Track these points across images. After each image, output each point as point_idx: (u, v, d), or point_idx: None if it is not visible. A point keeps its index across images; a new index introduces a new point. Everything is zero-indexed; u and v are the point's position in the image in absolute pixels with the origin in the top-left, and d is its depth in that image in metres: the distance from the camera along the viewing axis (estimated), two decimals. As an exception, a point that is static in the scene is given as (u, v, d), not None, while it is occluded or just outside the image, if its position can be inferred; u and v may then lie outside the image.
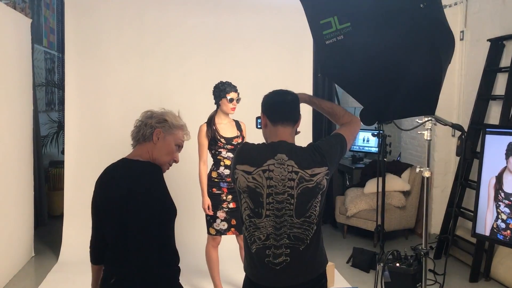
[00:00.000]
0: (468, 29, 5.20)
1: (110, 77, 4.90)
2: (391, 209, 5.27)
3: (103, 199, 1.94)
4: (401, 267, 3.54)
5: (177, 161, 2.06)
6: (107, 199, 1.92)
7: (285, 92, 2.09)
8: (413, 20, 2.28)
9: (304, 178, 1.93)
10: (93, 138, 4.90)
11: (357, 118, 2.22)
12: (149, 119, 2.01)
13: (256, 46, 5.14)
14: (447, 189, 5.37)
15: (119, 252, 1.88)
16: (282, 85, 2.47)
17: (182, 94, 4.89)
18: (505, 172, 2.47)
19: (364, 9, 2.30)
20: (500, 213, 2.47)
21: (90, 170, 4.82)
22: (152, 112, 2.05)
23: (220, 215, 3.68)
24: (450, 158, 5.51)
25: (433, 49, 2.36)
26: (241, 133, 3.77)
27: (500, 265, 4.22)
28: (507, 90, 4.30)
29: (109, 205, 1.90)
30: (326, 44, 2.31)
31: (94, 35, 4.86)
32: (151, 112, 2.05)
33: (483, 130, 2.56)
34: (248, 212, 1.98)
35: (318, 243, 2.02)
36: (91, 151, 4.85)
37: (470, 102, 4.96)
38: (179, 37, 5.00)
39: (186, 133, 2.08)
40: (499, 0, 4.64)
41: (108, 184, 1.94)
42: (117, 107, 4.87)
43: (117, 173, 1.95)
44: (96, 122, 4.91)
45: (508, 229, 2.44)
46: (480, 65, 4.77)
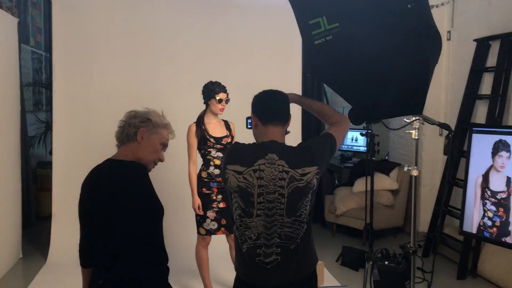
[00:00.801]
0: (455, 29, 5.26)
1: (98, 77, 4.88)
2: (380, 207, 5.31)
3: (89, 201, 1.93)
4: (390, 265, 3.57)
5: (163, 160, 2.06)
6: (93, 200, 1.90)
7: (275, 92, 2.10)
8: (401, 21, 2.30)
9: (294, 177, 1.94)
10: (81, 138, 4.87)
11: (346, 117, 2.24)
12: (133, 118, 2.00)
13: (245, 47, 5.15)
14: (434, 188, 5.43)
15: (107, 253, 1.87)
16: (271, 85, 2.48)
17: (171, 94, 4.88)
18: (491, 170, 2.51)
19: (352, 10, 2.32)
20: (487, 211, 2.50)
21: (78, 171, 4.76)
22: (135, 112, 2.04)
23: (210, 215, 3.68)
24: (437, 157, 5.57)
25: (420, 49, 2.38)
26: (230, 133, 3.77)
27: (486, 262, 4.27)
28: (493, 90, 4.36)
29: (96, 207, 1.89)
30: (315, 44, 2.32)
31: (82, 35, 4.83)
32: (134, 112, 2.04)
33: (470, 129, 2.59)
34: (239, 212, 1.99)
35: (309, 242, 2.04)
36: (79, 151, 4.82)
37: (457, 102, 5.01)
38: (168, 37, 4.99)
39: (171, 132, 2.08)
40: (485, 1, 4.70)
41: (94, 185, 1.93)
42: (106, 107, 4.84)
43: (103, 175, 1.94)
44: (84, 122, 4.88)
45: (494, 226, 2.48)
46: (467, 65, 4.83)
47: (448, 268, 4.57)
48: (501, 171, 2.41)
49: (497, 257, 4.19)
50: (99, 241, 1.89)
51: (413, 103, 2.56)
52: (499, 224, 2.42)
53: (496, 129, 2.54)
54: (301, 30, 2.37)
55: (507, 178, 2.38)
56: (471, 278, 4.37)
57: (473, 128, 2.58)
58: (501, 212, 2.39)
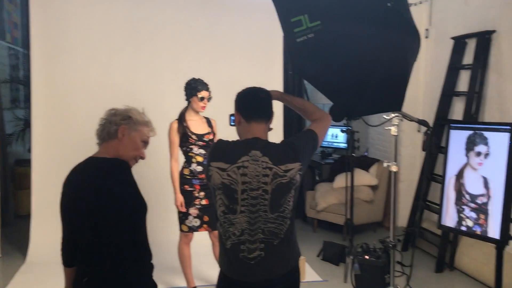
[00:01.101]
0: (433, 27, 5.35)
1: (78, 73, 4.82)
2: (360, 203, 5.38)
3: (71, 199, 1.92)
4: (370, 259, 3.64)
5: (144, 157, 2.06)
6: (76, 199, 1.89)
7: (258, 90, 2.12)
8: (381, 19, 2.34)
9: (278, 173, 1.96)
10: (61, 136, 4.81)
11: (328, 114, 2.27)
12: (113, 116, 2.00)
13: (227, 44, 5.16)
14: (413, 183, 5.52)
15: (91, 251, 1.87)
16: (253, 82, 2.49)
17: (152, 91, 4.86)
18: (466, 168, 2.56)
19: (333, 8, 2.35)
20: (465, 219, 2.54)
21: (58, 169, 4.72)
22: (116, 110, 2.04)
23: (193, 212, 3.68)
24: (416, 153, 5.67)
25: (400, 47, 2.43)
26: (212, 130, 3.78)
27: (463, 256, 4.38)
28: (470, 87, 4.45)
29: (79, 205, 1.88)
30: (297, 42, 2.34)
31: (61, 31, 4.77)
32: (115, 110, 2.04)
33: (447, 126, 2.64)
34: (222, 209, 2.00)
35: (292, 237, 2.06)
36: (58, 149, 4.77)
37: (434, 98, 5.11)
38: (148, 33, 4.96)
39: (152, 129, 2.09)
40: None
41: (76, 184, 1.92)
42: (86, 105, 4.79)
43: (85, 173, 1.93)
44: (63, 119, 4.82)
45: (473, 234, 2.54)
46: (444, 62, 4.92)
47: (426, 261, 4.67)
48: (477, 169, 2.46)
49: (474, 250, 4.29)
50: (83, 239, 1.88)
51: (393, 100, 2.62)
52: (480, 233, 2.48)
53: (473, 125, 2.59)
54: (283, 27, 2.39)
55: (484, 179, 2.43)
56: (449, 271, 4.47)
57: (451, 124, 2.62)
58: (482, 220, 2.44)
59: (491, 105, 4.37)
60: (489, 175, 2.40)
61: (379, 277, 3.62)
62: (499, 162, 2.35)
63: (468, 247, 4.37)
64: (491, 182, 2.40)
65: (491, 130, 2.42)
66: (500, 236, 2.36)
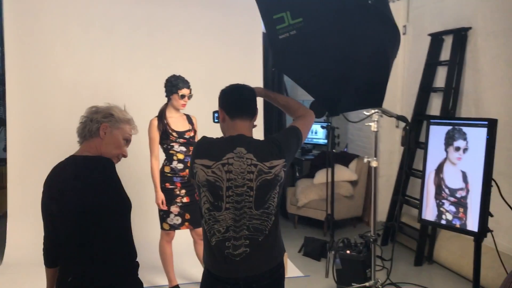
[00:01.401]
0: (410, 23, 5.42)
1: (54, 71, 4.73)
2: (340, 198, 5.43)
3: (54, 199, 1.88)
4: (351, 254, 3.69)
5: (126, 155, 2.04)
6: (59, 198, 1.86)
7: (242, 87, 2.11)
8: (362, 16, 2.37)
9: (263, 170, 1.96)
10: (37, 134, 4.72)
11: (311, 111, 2.28)
12: (95, 114, 1.98)
13: (206, 40, 5.13)
14: (392, 178, 5.59)
15: (75, 250, 1.84)
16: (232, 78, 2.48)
17: (131, 88, 4.81)
18: (445, 163, 2.60)
19: (315, 5, 2.36)
20: (445, 212, 2.58)
21: (35, 168, 4.67)
22: (97, 107, 2.02)
23: (174, 210, 3.66)
24: (394, 148, 5.74)
25: (380, 44, 2.46)
26: (192, 127, 3.75)
27: (442, 249, 4.46)
28: (447, 83, 4.53)
29: (62, 205, 1.85)
30: (280, 38, 2.35)
31: (37, 27, 4.67)
32: (96, 107, 2.02)
33: (427, 121, 2.69)
34: (207, 206, 1.99)
35: (276, 233, 2.07)
36: (35, 148, 4.68)
37: (412, 94, 5.18)
38: (126, 30, 4.90)
39: (134, 127, 2.07)
40: (439, -4, 4.87)
41: (58, 183, 1.89)
42: (63, 102, 4.71)
43: (68, 172, 1.90)
44: (40, 118, 4.73)
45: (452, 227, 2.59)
46: (422, 59, 5.00)
47: (406, 255, 4.74)
48: (456, 164, 2.51)
49: (452, 243, 4.38)
50: (67, 238, 1.85)
51: (374, 96, 2.65)
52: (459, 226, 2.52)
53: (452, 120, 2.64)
54: (265, 24, 2.40)
55: (463, 173, 2.48)
56: (428, 264, 4.55)
57: (431, 120, 2.67)
58: (461, 213, 2.48)
59: (467, 100, 4.45)
60: (468, 170, 2.45)
61: (361, 272, 3.67)
62: (477, 156, 2.40)
63: (446, 240, 4.46)
64: (470, 176, 2.45)
65: (469, 125, 2.46)
66: (478, 229, 2.41)
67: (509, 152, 3.89)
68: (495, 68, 4.09)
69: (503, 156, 3.86)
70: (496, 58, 4.08)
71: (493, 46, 4.11)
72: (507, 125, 3.87)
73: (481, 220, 2.39)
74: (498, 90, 4.06)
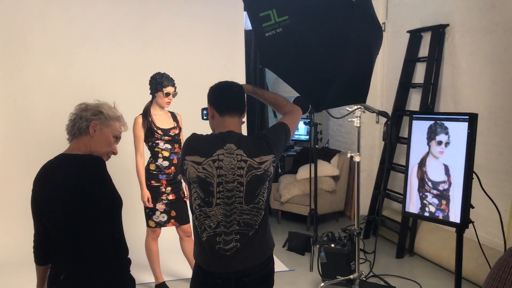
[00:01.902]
0: (389, 21, 5.51)
1: (36, 69, 4.67)
2: (322, 193, 5.50)
3: (46, 197, 1.88)
4: (336, 247, 3.75)
5: (116, 152, 2.05)
6: (51, 197, 1.86)
7: (231, 84, 2.14)
8: (346, 15, 2.41)
9: (252, 166, 2.00)
10: (19, 134, 4.65)
11: (299, 107, 2.32)
12: (84, 111, 1.97)
13: (188, 36, 5.13)
14: (373, 173, 5.70)
15: (67, 248, 1.85)
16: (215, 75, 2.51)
17: (114, 86, 4.77)
18: (428, 157, 2.67)
19: (300, 3, 2.40)
20: (428, 205, 2.65)
21: (17, 167, 4.61)
22: (86, 105, 2.01)
23: (160, 207, 3.67)
24: (375, 143, 5.85)
25: (364, 42, 2.52)
26: (177, 124, 3.76)
27: (422, 241, 4.56)
28: (426, 79, 4.63)
29: (54, 203, 1.84)
30: (266, 36, 2.39)
31: (17, 25, 4.59)
32: (85, 105, 2.01)
33: (410, 117, 2.75)
34: (198, 202, 2.02)
35: (266, 228, 2.11)
36: (17, 147, 4.62)
37: (392, 90, 5.28)
38: (109, 27, 4.86)
39: (123, 124, 2.08)
40: (417, -6, 4.97)
41: (50, 181, 1.88)
42: (45, 101, 4.66)
43: (59, 170, 1.90)
44: (22, 117, 4.66)
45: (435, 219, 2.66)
46: (401, 55, 5.09)
47: (387, 248, 4.84)
48: (439, 158, 2.58)
49: (432, 235, 4.49)
50: (59, 236, 1.86)
51: (357, 92, 2.70)
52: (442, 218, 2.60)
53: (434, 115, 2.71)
54: (252, 22, 2.43)
55: (445, 166, 2.56)
56: (409, 256, 4.66)
57: (413, 115, 2.74)
58: (444, 205, 2.56)
59: (445, 96, 4.56)
60: (450, 163, 2.52)
61: (345, 265, 3.74)
62: (459, 150, 2.47)
63: (427, 233, 4.57)
64: (452, 169, 2.52)
65: (451, 120, 2.54)
66: (460, 220, 2.48)
67: (486, 146, 4.01)
68: (472, 64, 4.20)
69: (481, 150, 3.98)
70: (473, 54, 4.19)
71: (470, 42, 4.22)
72: (484, 120, 3.99)
73: (463, 211, 2.46)
74: (476, 86, 4.17)
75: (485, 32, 4.03)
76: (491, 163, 3.97)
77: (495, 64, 3.95)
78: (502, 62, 3.89)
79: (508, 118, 3.85)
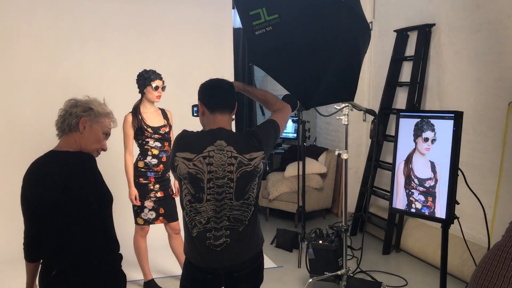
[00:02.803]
0: (376, 20, 5.57)
1: (21, 66, 4.63)
2: (310, 190, 5.54)
3: (36, 194, 1.87)
4: (324, 244, 3.78)
5: (105, 149, 2.06)
6: (41, 194, 1.86)
7: (221, 81, 2.16)
8: (335, 14, 2.44)
9: (242, 162, 2.02)
10: (5, 131, 4.61)
11: (288, 105, 2.35)
12: (74, 108, 1.96)
13: (176, 34, 5.12)
14: (359, 170, 5.76)
15: (59, 244, 1.85)
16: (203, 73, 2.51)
17: (101, 83, 4.74)
18: (414, 153, 2.72)
19: (290, 2, 2.42)
20: (414, 202, 2.70)
21: (4, 165, 4.57)
22: (76, 101, 2.00)
23: (148, 205, 3.67)
24: (361, 141, 5.91)
25: (352, 40, 2.55)
26: (168, 122, 3.76)
27: (408, 237, 4.63)
28: (412, 77, 4.69)
29: (45, 200, 1.84)
30: (256, 34, 2.40)
31: (4, 22, 4.54)
32: (75, 101, 2.00)
33: (397, 114, 2.80)
34: (189, 198, 2.04)
35: (255, 223, 2.14)
36: (3, 145, 4.58)
37: (379, 89, 5.33)
38: (95, 24, 4.83)
39: (113, 121, 2.09)
40: (403, -6, 5.02)
41: (40, 179, 1.88)
42: (31, 98, 4.63)
43: (50, 167, 1.90)
44: (7, 114, 4.63)
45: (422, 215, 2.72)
46: (388, 54, 5.15)
47: (374, 244, 4.90)
48: (425, 154, 2.63)
49: (418, 232, 4.56)
50: (50, 233, 1.86)
51: (346, 91, 2.74)
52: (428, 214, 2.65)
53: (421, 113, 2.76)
54: (242, 20, 2.44)
55: (431, 163, 2.61)
56: (395, 252, 4.72)
57: (400, 113, 2.78)
58: (430, 202, 2.61)
59: (432, 94, 4.63)
60: (436, 160, 2.57)
61: (332, 261, 3.78)
62: (445, 147, 2.52)
63: (412, 229, 4.63)
64: (438, 166, 2.57)
65: (436, 117, 2.59)
66: (446, 216, 2.54)
67: (471, 144, 4.08)
68: (458, 63, 4.27)
69: (466, 148, 4.05)
70: (458, 53, 4.26)
71: (455, 42, 4.29)
72: (469, 118, 4.06)
73: (449, 207, 2.51)
74: (461, 84, 4.24)
75: (470, 32, 4.10)
76: (476, 160, 4.05)
77: (479, 63, 4.02)
78: (486, 61, 3.96)
79: (492, 116, 3.92)
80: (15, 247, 2.59)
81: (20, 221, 1.96)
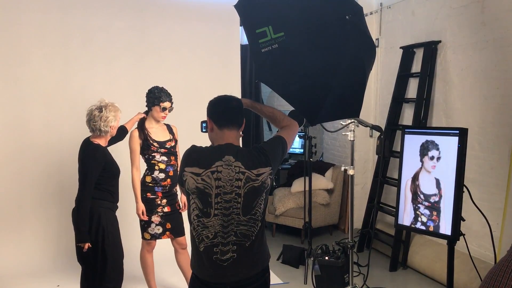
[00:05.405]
0: (383, 37, 5.61)
1: (32, 81, 4.68)
2: (316, 206, 5.54)
3: None
4: (330, 260, 3.78)
5: None
6: None
7: (229, 98, 2.20)
8: (340, 31, 2.48)
9: (250, 178, 2.05)
10: (14, 145, 4.65)
11: (295, 122, 2.38)
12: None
13: (184, 50, 5.19)
14: (366, 186, 5.75)
15: None
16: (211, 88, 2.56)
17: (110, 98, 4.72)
18: (421, 172, 2.73)
19: (296, 20, 2.46)
20: (420, 215, 2.71)
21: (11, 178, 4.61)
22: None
23: (155, 220, 3.69)
24: (368, 157, 5.91)
25: (358, 57, 2.58)
26: (173, 136, 3.80)
27: (415, 254, 4.60)
28: (418, 94, 4.71)
29: None
30: (262, 52, 2.44)
31: (14, 37, 4.62)
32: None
33: (402, 131, 2.82)
34: (196, 212, 2.06)
35: (262, 239, 2.15)
36: (12, 160, 4.62)
37: (385, 105, 5.35)
38: (105, 41, 4.91)
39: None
40: (409, 11, 5.07)
41: None
42: (40, 113, 4.68)
43: None
44: (17, 129, 4.67)
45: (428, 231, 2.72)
46: (394, 71, 5.18)
47: (381, 261, 4.87)
48: (431, 172, 2.64)
49: (425, 249, 4.53)
50: None
51: (351, 107, 2.75)
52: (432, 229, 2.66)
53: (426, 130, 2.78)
54: (248, 38, 2.48)
55: (436, 180, 2.62)
56: (402, 269, 4.69)
57: (406, 129, 2.80)
58: (434, 216, 2.62)
59: (438, 110, 4.64)
60: (441, 177, 2.58)
61: (339, 277, 3.76)
62: (449, 164, 2.54)
63: (419, 246, 4.61)
64: (442, 183, 2.58)
65: (441, 134, 2.60)
66: (451, 232, 2.54)
67: (477, 160, 4.08)
68: (464, 79, 4.29)
69: (473, 164, 4.05)
70: (464, 70, 4.28)
71: (461, 59, 4.31)
72: (476, 134, 4.06)
73: (454, 224, 2.52)
74: (467, 101, 4.26)
75: (476, 49, 4.13)
76: (482, 177, 4.04)
77: (486, 80, 4.04)
78: (492, 78, 3.97)
79: (498, 133, 3.92)
80: (20, 260, 2.57)
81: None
